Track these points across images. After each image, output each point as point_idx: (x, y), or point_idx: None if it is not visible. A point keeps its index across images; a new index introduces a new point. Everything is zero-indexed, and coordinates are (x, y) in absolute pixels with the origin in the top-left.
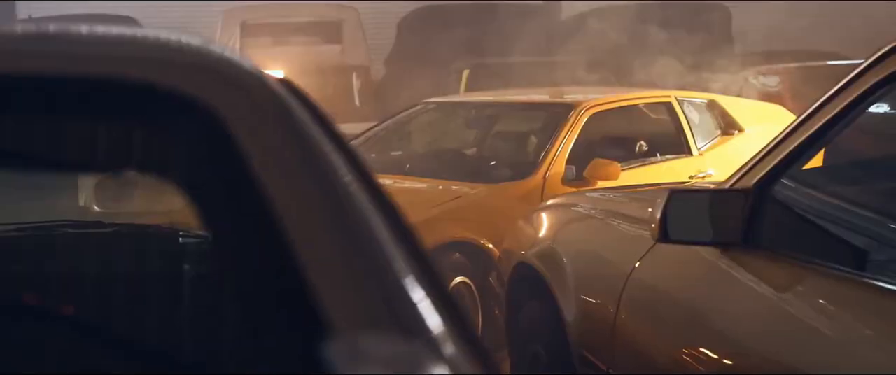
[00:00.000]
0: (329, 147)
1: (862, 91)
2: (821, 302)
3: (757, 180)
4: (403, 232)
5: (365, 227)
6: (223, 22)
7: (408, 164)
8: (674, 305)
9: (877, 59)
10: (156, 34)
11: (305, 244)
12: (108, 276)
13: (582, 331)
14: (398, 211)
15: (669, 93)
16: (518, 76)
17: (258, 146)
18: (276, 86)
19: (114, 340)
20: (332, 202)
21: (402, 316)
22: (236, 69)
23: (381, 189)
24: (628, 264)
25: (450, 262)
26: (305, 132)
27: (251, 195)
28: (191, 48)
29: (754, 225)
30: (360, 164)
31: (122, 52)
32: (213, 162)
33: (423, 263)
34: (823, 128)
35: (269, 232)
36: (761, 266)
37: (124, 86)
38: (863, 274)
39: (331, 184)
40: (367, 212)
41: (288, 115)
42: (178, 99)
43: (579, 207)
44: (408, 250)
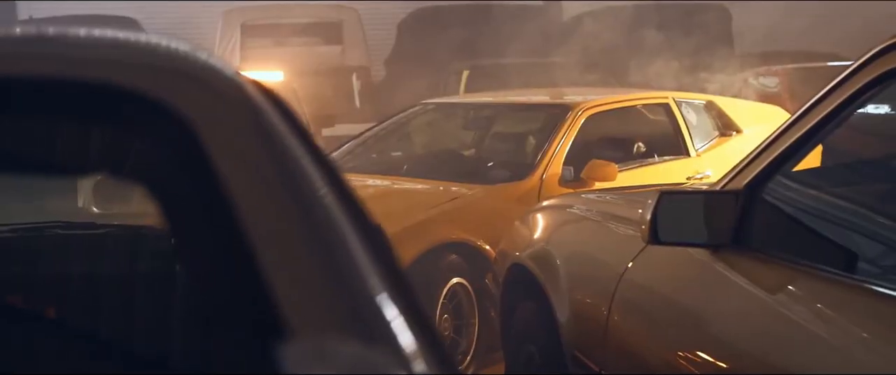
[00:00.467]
0: (302, 154)
1: (851, 92)
2: (812, 304)
3: (747, 181)
4: (374, 239)
5: (333, 234)
6: (223, 23)
7: (405, 165)
8: (665, 306)
9: (866, 60)
10: (129, 37)
11: (269, 249)
12: (96, 277)
13: (575, 332)
14: (369, 218)
15: (667, 95)
16: (517, 77)
17: (227, 151)
18: (251, 92)
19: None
20: (300, 208)
21: (365, 322)
22: (209, 74)
23: (353, 196)
24: (621, 265)
25: (446, 263)
26: (277, 139)
27: (217, 199)
28: (164, 52)
29: (745, 227)
30: (333, 173)
31: (90, 55)
32: (181, 166)
33: (392, 270)
34: (813, 129)
35: (234, 236)
36: (751, 267)
37: (95, 90)
38: (853, 276)
39: (300, 191)
40: (337, 219)
41: (260, 122)
42: (149, 103)
43: (574, 208)
44: (377, 257)
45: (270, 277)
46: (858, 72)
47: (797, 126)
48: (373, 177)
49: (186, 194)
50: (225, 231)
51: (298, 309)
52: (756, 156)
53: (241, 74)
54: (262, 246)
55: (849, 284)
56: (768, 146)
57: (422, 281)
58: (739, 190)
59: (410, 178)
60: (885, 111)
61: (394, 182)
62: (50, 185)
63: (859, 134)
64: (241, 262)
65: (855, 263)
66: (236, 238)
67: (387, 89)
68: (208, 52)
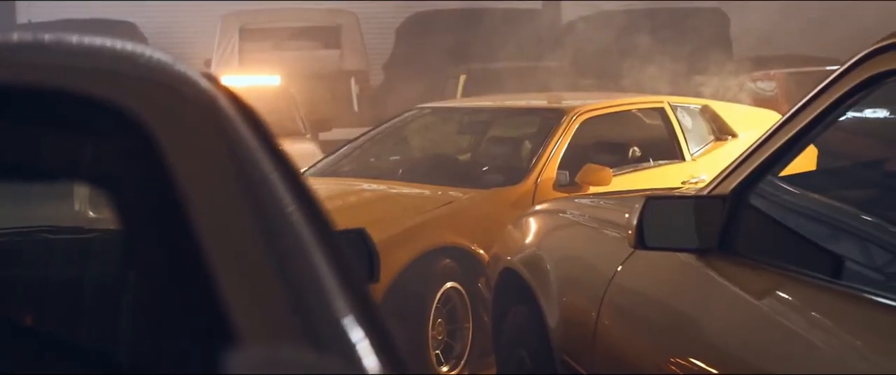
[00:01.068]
0: (265, 162)
1: (837, 97)
2: (797, 310)
3: (734, 186)
4: (336, 249)
5: (292, 243)
6: (222, 27)
7: (401, 169)
8: (653, 310)
9: (850, 65)
10: (90, 43)
11: (224, 256)
12: (78, 281)
13: (564, 336)
14: (330, 226)
15: (662, 99)
16: (514, 81)
17: (186, 157)
18: (215, 98)
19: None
20: (259, 216)
21: (319, 330)
22: (171, 79)
23: (317, 205)
24: (610, 269)
25: (440, 268)
26: (240, 146)
27: (172, 204)
28: (124, 57)
29: (731, 232)
30: (298, 181)
31: (46, 62)
32: (138, 171)
33: (352, 279)
34: (799, 134)
35: (188, 241)
36: (737, 272)
37: (51, 96)
38: (839, 282)
39: (260, 198)
40: (297, 227)
41: (223, 129)
42: (106, 108)
43: (567, 213)
44: (338, 267)
45: (223, 284)
46: (843, 76)
47: (783, 131)
48: (368, 182)
49: (142, 199)
50: (179, 236)
51: (249, 316)
52: (743, 161)
53: (210, 80)
54: (216, 253)
55: (835, 290)
56: (755, 151)
57: (416, 286)
58: (726, 194)
59: (405, 182)
60: (880, 115)
61: (389, 186)
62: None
63: (859, 137)
64: (193, 268)
65: (841, 269)
66: (190, 243)
67: (385, 93)
68: (174, 58)
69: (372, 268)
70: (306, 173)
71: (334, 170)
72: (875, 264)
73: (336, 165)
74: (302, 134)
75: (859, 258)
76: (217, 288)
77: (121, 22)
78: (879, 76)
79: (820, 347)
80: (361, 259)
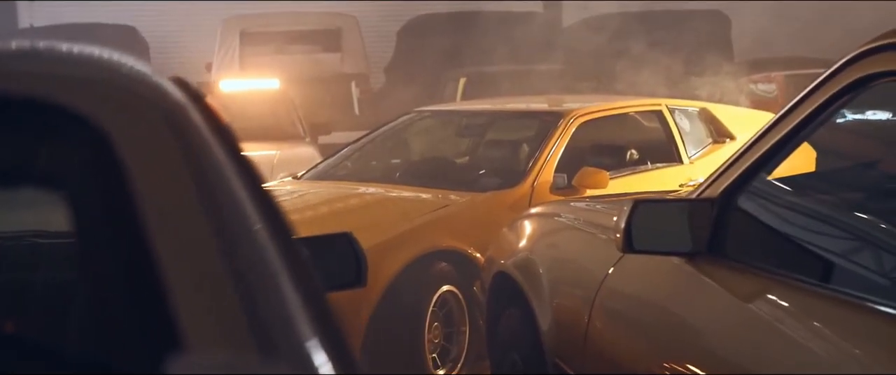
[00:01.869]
0: (224, 168)
1: (824, 100)
2: (786, 313)
3: (723, 189)
4: (294, 255)
5: (247, 249)
6: (222, 30)
7: (398, 173)
8: (643, 313)
9: (837, 68)
10: (51, 47)
11: (174, 261)
12: (65, 285)
13: (556, 339)
14: (290, 232)
15: (660, 102)
16: (514, 84)
17: (140, 162)
18: (175, 102)
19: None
20: (213, 221)
21: (270, 338)
22: (128, 84)
23: (275, 210)
24: (602, 272)
25: (437, 271)
26: (198, 151)
27: (126, 209)
28: (80, 61)
29: (720, 235)
30: (258, 187)
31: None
32: (92, 175)
33: (309, 286)
34: (786, 137)
35: (139, 246)
36: (725, 275)
37: (7, 100)
38: (828, 286)
39: (216, 204)
40: (252, 233)
41: (181, 133)
42: (63, 113)
43: (560, 216)
44: (295, 274)
45: (174, 290)
46: (831, 79)
47: (771, 134)
48: (365, 185)
49: (96, 204)
50: (131, 241)
51: (199, 322)
52: (731, 164)
53: (180, 85)
54: (166, 258)
55: (823, 294)
56: (743, 154)
57: (412, 289)
58: (715, 197)
59: (403, 186)
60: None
61: (386, 189)
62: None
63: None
64: (142, 273)
65: (830, 272)
66: (142, 248)
67: (386, 96)
68: (137, 62)
69: (359, 272)
70: (303, 176)
71: (332, 174)
72: (865, 267)
73: (333, 169)
74: (301, 137)
75: (848, 261)
76: (168, 293)
77: (121, 26)
78: (867, 78)
79: (808, 351)
80: (349, 262)
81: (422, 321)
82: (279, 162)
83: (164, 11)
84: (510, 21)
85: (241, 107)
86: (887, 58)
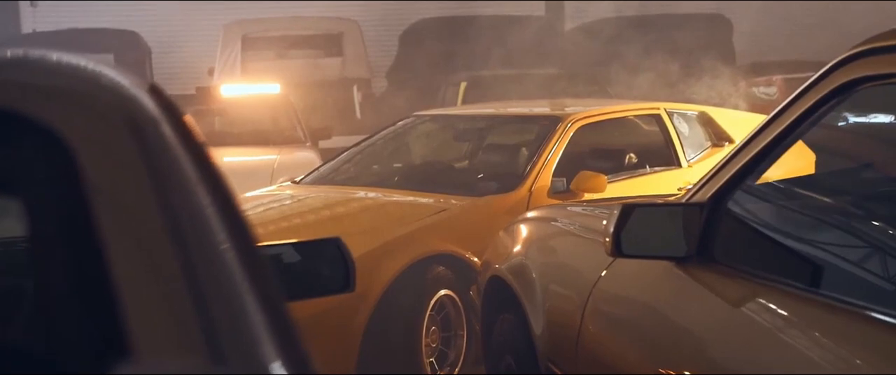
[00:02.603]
0: (188, 173)
1: (811, 104)
2: (774, 318)
3: (712, 194)
4: (254, 262)
5: (208, 262)
6: (224, 36)
7: (396, 177)
8: (633, 316)
9: (824, 72)
10: (20, 55)
11: (126, 268)
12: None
13: (549, 343)
14: (253, 242)
15: (658, 105)
16: (515, 88)
17: (99, 168)
18: (144, 116)
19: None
20: (171, 228)
21: (223, 346)
22: (96, 95)
23: (241, 220)
24: (594, 275)
25: (434, 275)
26: (163, 163)
27: (82, 215)
28: (50, 70)
29: (709, 239)
30: (224, 198)
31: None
32: (50, 181)
33: (268, 293)
34: (775, 141)
35: (92, 252)
36: (714, 280)
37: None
38: (817, 291)
39: (174, 211)
40: (215, 246)
41: (142, 139)
42: (24, 121)
43: (555, 220)
44: (255, 281)
45: (124, 298)
46: (817, 84)
47: (759, 138)
48: (363, 190)
49: (51, 210)
50: (84, 246)
51: (150, 330)
52: (720, 168)
53: (152, 93)
54: (120, 268)
55: (812, 299)
56: (732, 158)
57: (410, 293)
58: (704, 202)
59: (401, 190)
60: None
61: (384, 194)
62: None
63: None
64: (93, 279)
65: (819, 277)
66: (95, 254)
67: (388, 100)
68: (112, 72)
69: (347, 277)
70: (302, 181)
71: (330, 178)
72: (854, 272)
73: (332, 173)
74: (302, 142)
75: (837, 266)
76: (119, 302)
77: (124, 31)
78: (853, 82)
79: (797, 356)
80: (338, 268)
81: (419, 325)
82: (279, 166)
83: (166, 16)
84: (512, 25)
85: (241, 111)
86: (872, 62)
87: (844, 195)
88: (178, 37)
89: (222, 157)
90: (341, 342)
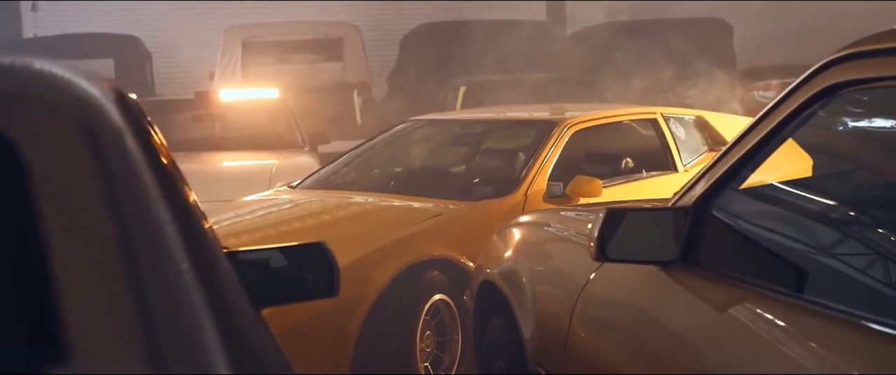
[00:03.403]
0: (144, 177)
1: (795, 107)
2: (759, 323)
3: (696, 198)
4: (207, 267)
5: (155, 267)
6: (224, 40)
7: (392, 181)
8: (619, 320)
9: (807, 76)
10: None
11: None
12: None
13: (538, 348)
14: (211, 252)
15: (655, 110)
16: (514, 93)
17: (48, 171)
18: (99, 118)
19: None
20: (120, 234)
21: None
22: (53, 98)
23: (196, 226)
24: (583, 279)
25: (428, 280)
26: (112, 159)
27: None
28: (8, 73)
29: (694, 244)
30: (181, 203)
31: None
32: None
33: (219, 298)
34: (758, 145)
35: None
36: (698, 285)
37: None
38: (801, 296)
39: (125, 217)
40: (163, 252)
41: (97, 149)
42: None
43: (549, 225)
44: (207, 286)
45: (63, 299)
46: (800, 88)
47: (743, 143)
48: (359, 194)
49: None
50: (26, 248)
51: (85, 332)
52: (705, 173)
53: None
54: (61, 269)
55: (796, 305)
56: (717, 162)
57: (404, 298)
58: (689, 206)
59: (397, 195)
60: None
61: (380, 198)
62: None
63: None
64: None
65: (804, 282)
66: (36, 257)
67: (388, 105)
68: (72, 75)
69: (332, 282)
70: (299, 186)
71: (327, 183)
72: (837, 277)
73: (329, 178)
74: (300, 147)
75: (821, 271)
76: (58, 304)
77: (125, 36)
78: (834, 87)
79: (781, 360)
80: (323, 272)
81: (414, 329)
82: (277, 171)
83: (167, 21)
84: (512, 30)
85: (240, 116)
86: (854, 66)
87: (831, 199)
88: (178, 41)
89: (221, 162)
90: (335, 346)
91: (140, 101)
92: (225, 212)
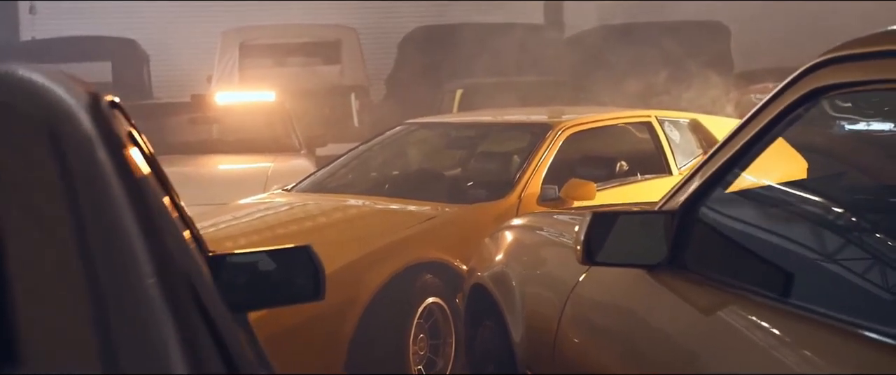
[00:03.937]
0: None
1: (779, 111)
2: (744, 327)
3: (683, 202)
4: (173, 273)
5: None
6: (222, 43)
7: (387, 184)
8: (606, 324)
9: (791, 80)
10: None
11: (26, 277)
12: None
13: (528, 351)
14: (181, 252)
15: (650, 113)
16: (511, 95)
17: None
18: (68, 126)
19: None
20: (79, 239)
21: (118, 354)
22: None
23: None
24: (572, 281)
25: (422, 283)
26: (82, 174)
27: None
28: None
29: (681, 247)
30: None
31: None
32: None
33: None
34: (744, 148)
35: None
36: (684, 288)
37: None
38: (787, 300)
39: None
40: (126, 254)
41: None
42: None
43: (541, 228)
44: (172, 293)
45: (19, 303)
46: (785, 92)
47: (729, 147)
48: (354, 197)
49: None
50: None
51: (38, 333)
52: (691, 176)
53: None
54: (17, 272)
55: (782, 309)
56: (703, 166)
57: (397, 301)
58: (675, 210)
59: (391, 198)
60: None
61: (374, 201)
62: None
63: None
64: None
65: (790, 287)
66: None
67: (386, 108)
68: (43, 80)
69: (318, 285)
70: (293, 189)
71: (321, 186)
72: (824, 282)
73: (323, 181)
74: (296, 150)
75: (807, 275)
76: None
77: (122, 39)
78: (817, 91)
79: (767, 364)
80: (308, 275)
81: (407, 333)
82: (273, 174)
83: (164, 24)
84: (513, 33)
85: (237, 119)
86: (838, 70)
87: (821, 201)
88: (176, 44)
89: (217, 165)
90: (328, 349)
91: (135, 105)
92: (220, 215)
